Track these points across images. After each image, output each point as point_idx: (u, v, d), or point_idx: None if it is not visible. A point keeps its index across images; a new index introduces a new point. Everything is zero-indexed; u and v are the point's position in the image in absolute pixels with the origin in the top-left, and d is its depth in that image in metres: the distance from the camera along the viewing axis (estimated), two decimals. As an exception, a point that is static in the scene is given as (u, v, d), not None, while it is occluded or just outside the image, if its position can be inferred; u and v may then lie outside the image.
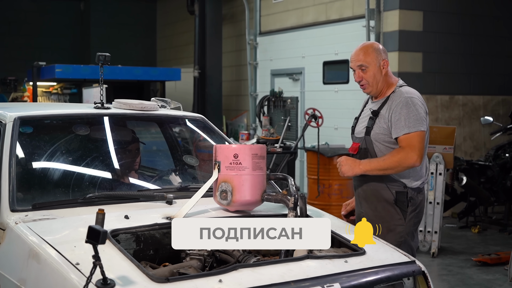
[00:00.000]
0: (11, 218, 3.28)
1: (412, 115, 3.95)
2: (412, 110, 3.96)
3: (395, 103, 4.01)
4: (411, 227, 4.09)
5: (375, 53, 4.10)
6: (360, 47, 4.15)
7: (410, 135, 3.93)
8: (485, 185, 9.06)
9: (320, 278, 2.92)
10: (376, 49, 4.12)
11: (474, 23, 10.95)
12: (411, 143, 3.92)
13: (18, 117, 3.88)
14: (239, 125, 14.71)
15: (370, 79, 4.10)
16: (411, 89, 4.12)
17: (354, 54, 4.13)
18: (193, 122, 4.78)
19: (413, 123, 3.94)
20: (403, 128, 3.94)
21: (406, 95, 4.02)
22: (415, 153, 3.91)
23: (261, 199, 3.58)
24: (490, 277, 6.89)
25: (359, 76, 4.12)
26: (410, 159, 3.91)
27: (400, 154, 3.93)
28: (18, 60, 17.47)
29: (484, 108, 10.93)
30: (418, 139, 3.94)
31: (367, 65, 4.08)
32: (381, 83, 4.13)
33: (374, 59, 4.09)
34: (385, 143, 4.06)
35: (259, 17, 13.90)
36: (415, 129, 3.93)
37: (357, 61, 4.11)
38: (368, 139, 4.12)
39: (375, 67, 4.09)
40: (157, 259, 3.25)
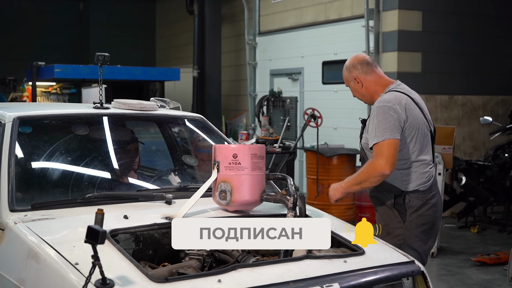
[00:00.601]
0: (10, 218, 3.28)
1: (381, 124, 3.94)
2: (381, 119, 3.95)
3: (372, 114, 4.06)
4: (415, 230, 4.04)
5: (346, 72, 4.26)
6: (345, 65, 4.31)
7: (379, 145, 3.92)
8: (484, 185, 9.06)
9: (319, 278, 2.92)
10: (346, 68, 4.26)
11: (473, 23, 10.95)
12: (379, 152, 3.91)
13: (17, 117, 3.88)
14: (238, 125, 14.71)
15: (356, 93, 4.29)
16: (391, 95, 4.07)
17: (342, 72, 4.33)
18: (192, 122, 4.77)
19: (381, 132, 3.92)
20: (373, 138, 3.96)
21: (378, 104, 4.04)
22: (382, 161, 3.88)
23: (260, 199, 3.58)
24: (489, 277, 6.89)
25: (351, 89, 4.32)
26: (377, 167, 3.89)
27: (368, 165, 3.96)
28: (17, 60, 17.47)
29: (483, 108, 10.93)
30: (387, 147, 3.89)
31: (347, 84, 4.31)
32: (367, 95, 4.24)
33: (348, 78, 4.27)
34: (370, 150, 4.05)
35: (258, 17, 13.90)
36: (382, 138, 3.90)
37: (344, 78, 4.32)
38: (360, 146, 4.25)
39: (351, 84, 4.27)
40: (156, 259, 3.25)
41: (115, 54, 13.99)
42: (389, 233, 4.05)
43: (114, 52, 10.53)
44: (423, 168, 4.09)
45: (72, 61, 16.44)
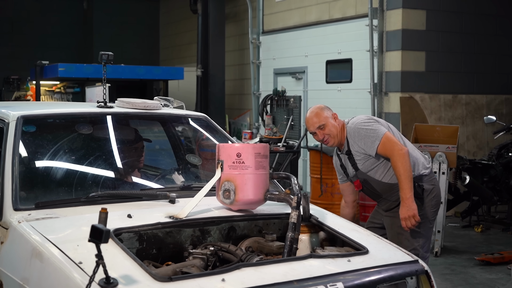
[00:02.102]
0: (14, 217, 3.28)
1: (368, 133, 4.50)
2: (364, 130, 4.52)
3: (353, 137, 4.58)
4: (431, 209, 4.63)
5: (324, 112, 4.62)
6: (310, 112, 4.65)
7: (381, 143, 4.46)
8: (488, 184, 9.04)
9: (323, 278, 2.91)
10: (322, 109, 4.64)
11: (477, 22, 10.93)
12: (388, 147, 4.45)
13: (21, 116, 3.88)
14: (242, 124, 14.71)
15: (330, 132, 4.59)
16: (354, 119, 4.68)
17: (309, 121, 4.61)
18: (196, 121, 4.77)
19: (374, 135, 4.48)
20: (372, 144, 4.48)
21: (353, 125, 4.60)
22: (397, 148, 4.43)
23: (264, 198, 3.58)
24: (493, 277, 6.88)
25: (321, 134, 4.59)
26: (400, 155, 4.40)
27: (396, 161, 4.42)
28: (21, 59, 17.49)
29: (487, 107, 10.91)
30: (388, 139, 4.47)
31: (323, 123, 4.57)
32: (339, 131, 4.62)
33: (326, 117, 4.60)
34: (372, 165, 4.58)
35: (262, 16, 13.90)
36: (379, 137, 4.47)
37: (315, 125, 4.58)
38: (360, 173, 4.63)
39: (328, 121, 4.59)
40: (160, 258, 3.25)
41: (119, 53, 13.98)
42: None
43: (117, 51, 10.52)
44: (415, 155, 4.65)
45: (75, 60, 16.46)
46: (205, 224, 3.43)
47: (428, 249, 4.70)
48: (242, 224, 3.57)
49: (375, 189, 4.64)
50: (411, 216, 4.38)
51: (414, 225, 4.40)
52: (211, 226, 3.46)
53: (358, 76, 11.11)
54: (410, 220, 4.39)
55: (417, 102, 10.24)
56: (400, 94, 10.28)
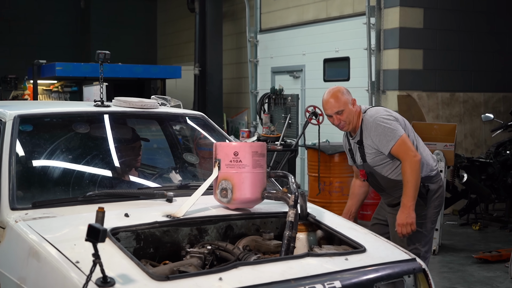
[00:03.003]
0: (11, 216, 3.28)
1: (386, 131, 4.41)
2: (382, 127, 4.42)
3: (368, 130, 4.49)
4: (433, 209, 4.62)
5: (344, 96, 4.49)
6: (330, 94, 4.52)
7: (397, 145, 4.39)
8: (485, 182, 9.04)
9: (321, 276, 2.91)
10: (343, 92, 4.52)
11: (475, 20, 10.94)
12: (402, 150, 4.39)
13: (18, 115, 3.88)
14: (240, 122, 14.70)
15: (347, 118, 4.49)
16: (373, 110, 4.57)
17: (327, 103, 4.49)
18: (193, 119, 4.77)
19: (390, 135, 4.40)
20: (387, 143, 4.41)
21: (371, 119, 4.48)
22: (411, 154, 4.38)
23: (262, 196, 3.58)
24: (491, 274, 6.88)
25: (337, 119, 4.49)
26: (413, 162, 4.36)
27: (406, 167, 4.38)
28: (18, 58, 17.47)
29: (484, 105, 10.92)
30: (404, 142, 4.40)
31: (342, 108, 4.45)
32: (355, 117, 4.53)
33: (346, 101, 4.48)
34: (381, 161, 4.53)
35: (260, 14, 13.89)
36: (396, 139, 4.38)
37: (333, 108, 4.47)
38: (366, 165, 4.59)
39: (348, 107, 4.47)
40: (157, 257, 3.24)
41: (116, 52, 13.96)
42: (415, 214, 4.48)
43: (115, 50, 10.51)
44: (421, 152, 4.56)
45: (73, 59, 16.43)
46: (203, 223, 3.43)
47: (429, 249, 4.70)
48: (239, 223, 3.57)
49: (379, 183, 4.63)
50: (409, 224, 4.38)
51: (409, 233, 4.40)
52: (209, 225, 3.46)
53: (356, 74, 11.11)
54: (406, 228, 4.38)
55: (414, 100, 10.25)
56: (398, 92, 10.29)
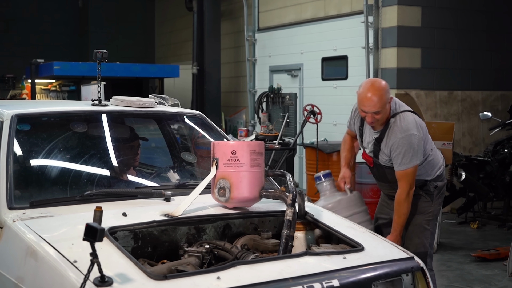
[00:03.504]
0: (9, 216, 3.27)
1: (407, 154, 4.32)
2: (408, 149, 4.32)
3: (392, 141, 4.37)
4: (437, 206, 4.66)
5: (387, 95, 4.31)
6: (373, 92, 4.28)
7: (406, 171, 4.36)
8: (484, 181, 9.05)
9: (319, 275, 2.91)
10: (387, 91, 4.32)
11: (473, 18, 10.94)
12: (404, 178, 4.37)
13: (16, 114, 3.87)
14: (238, 121, 14.70)
15: (382, 117, 4.36)
16: (406, 121, 4.36)
17: (369, 101, 4.27)
18: (191, 118, 4.77)
19: (408, 160, 4.33)
20: (399, 166, 4.36)
21: (400, 135, 4.33)
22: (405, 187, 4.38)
23: (259, 195, 3.57)
24: (489, 273, 6.88)
25: (372, 118, 4.33)
26: (407, 194, 4.39)
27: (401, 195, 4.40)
28: (16, 58, 17.46)
29: (483, 103, 10.92)
30: (412, 174, 4.37)
31: (381, 109, 4.30)
32: (387, 117, 4.42)
33: (386, 101, 4.31)
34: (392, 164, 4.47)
35: (258, 13, 13.89)
36: (407, 166, 4.35)
37: (373, 108, 4.28)
38: (376, 160, 4.56)
39: (385, 107, 4.32)
40: (155, 256, 3.24)
41: (114, 51, 13.96)
42: (421, 212, 4.59)
43: (113, 49, 10.50)
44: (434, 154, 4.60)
45: (71, 58, 16.43)
46: (201, 222, 3.43)
47: (432, 244, 4.73)
48: (237, 221, 3.57)
49: (385, 175, 4.61)
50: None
51: None
52: (207, 224, 3.46)
53: (354, 73, 11.11)
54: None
55: (412, 99, 10.25)
56: (396, 91, 10.28)
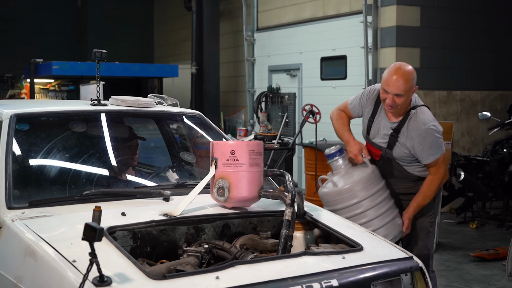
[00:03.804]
0: (8, 215, 3.27)
1: (434, 143, 4.26)
2: (433, 139, 4.26)
3: (414, 133, 4.27)
4: (437, 206, 4.70)
5: (413, 81, 4.25)
6: (402, 74, 4.21)
7: (438, 160, 4.31)
8: (483, 181, 9.06)
9: (318, 275, 2.91)
10: (414, 78, 4.26)
11: (472, 18, 10.94)
12: (439, 167, 4.32)
13: (15, 114, 3.87)
14: (237, 121, 14.70)
15: (402, 103, 4.25)
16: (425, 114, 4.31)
17: (394, 81, 4.19)
18: (190, 118, 4.77)
19: (436, 149, 4.28)
20: (429, 156, 4.28)
21: (424, 126, 4.25)
22: (444, 174, 4.37)
23: (258, 195, 3.57)
24: (488, 273, 6.89)
25: (392, 100, 4.22)
26: (443, 180, 4.39)
27: (435, 182, 4.35)
28: (15, 57, 17.45)
29: (481, 103, 10.93)
30: (443, 160, 4.34)
31: (404, 93, 4.20)
32: (408, 106, 4.33)
33: (411, 87, 4.25)
34: (407, 163, 4.40)
35: (256, 13, 13.88)
36: (438, 155, 4.29)
37: (397, 90, 4.19)
38: (390, 153, 4.39)
39: (409, 94, 4.25)
40: (154, 256, 3.24)
41: (113, 51, 13.96)
42: (425, 213, 4.48)
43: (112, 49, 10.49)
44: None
45: (70, 58, 16.42)
46: (199, 222, 3.43)
47: (432, 245, 4.69)
48: (236, 221, 3.56)
49: (392, 170, 4.46)
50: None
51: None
52: (205, 224, 3.45)
53: (353, 72, 11.11)
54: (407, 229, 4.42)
55: (411, 99, 10.24)
56: (395, 91, 10.27)
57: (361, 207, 4.27)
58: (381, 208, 4.30)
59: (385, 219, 4.30)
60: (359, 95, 4.58)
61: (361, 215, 4.26)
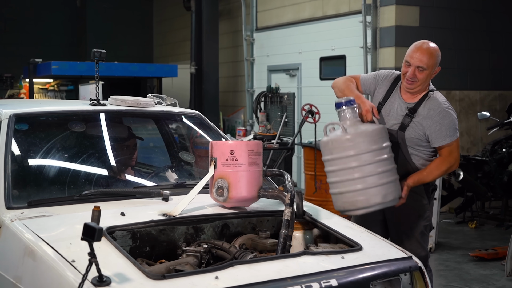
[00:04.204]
0: (7, 215, 3.27)
1: (452, 125, 4.15)
2: (452, 120, 4.16)
3: (433, 112, 4.15)
4: (431, 208, 4.46)
5: (437, 59, 4.20)
6: (427, 47, 4.18)
7: (452, 145, 4.18)
8: (482, 180, 9.06)
9: (317, 274, 2.91)
10: (438, 56, 4.22)
11: (471, 18, 10.94)
12: (452, 152, 4.19)
13: (14, 114, 3.87)
14: (236, 121, 14.70)
15: (422, 80, 4.16)
16: (442, 96, 4.27)
17: (419, 54, 4.14)
18: (189, 118, 4.77)
19: (452, 132, 4.16)
20: (444, 138, 4.15)
21: (444, 105, 4.17)
22: (456, 161, 4.23)
23: (258, 195, 3.57)
24: (487, 272, 6.89)
25: (413, 73, 4.13)
26: (453, 167, 4.26)
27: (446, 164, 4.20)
28: (14, 57, 17.43)
29: (480, 103, 10.93)
30: (457, 146, 4.21)
31: (426, 67, 4.14)
32: (426, 85, 4.23)
33: (434, 65, 4.19)
34: (416, 147, 4.23)
35: (256, 13, 13.88)
36: (454, 138, 4.17)
37: (420, 62, 4.13)
38: (401, 134, 4.22)
39: (431, 71, 4.17)
40: (153, 256, 3.24)
41: (112, 51, 13.95)
42: (421, 215, 4.34)
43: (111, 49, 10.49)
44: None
45: (69, 57, 16.41)
46: (199, 222, 3.43)
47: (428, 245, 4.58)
48: (235, 221, 3.57)
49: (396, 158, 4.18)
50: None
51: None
52: (205, 224, 3.46)
53: (352, 72, 11.05)
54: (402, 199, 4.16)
55: (411, 99, 10.25)
56: (394, 91, 10.28)
57: (357, 161, 3.96)
58: (382, 167, 4.01)
59: (384, 179, 4.01)
60: (375, 73, 4.46)
61: (356, 169, 3.96)
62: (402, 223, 4.34)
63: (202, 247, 3.19)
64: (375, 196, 3.98)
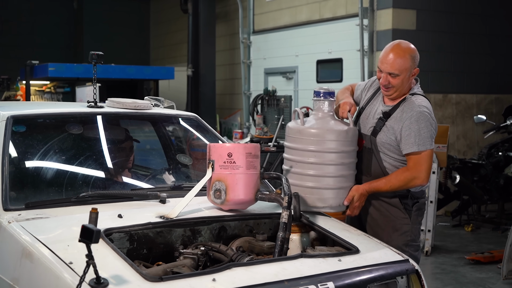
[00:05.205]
0: (4, 217, 3.27)
1: (423, 132, 3.77)
2: (423, 126, 3.78)
3: (406, 115, 3.82)
4: (417, 225, 3.98)
5: (411, 62, 3.88)
6: (397, 52, 3.86)
7: (420, 155, 3.77)
8: (478, 184, 9.07)
9: (314, 277, 2.91)
10: (413, 57, 3.91)
11: (467, 21, 10.97)
12: (419, 163, 3.78)
13: (11, 116, 3.87)
14: (233, 123, 14.71)
15: (398, 85, 3.86)
16: (423, 100, 3.92)
17: (389, 59, 3.84)
18: (186, 121, 4.77)
19: (423, 140, 3.77)
20: (412, 145, 3.77)
21: (418, 108, 3.81)
22: (422, 174, 3.78)
23: (255, 198, 3.58)
24: (483, 276, 6.90)
25: (386, 79, 3.85)
26: (417, 180, 3.80)
27: (407, 175, 3.80)
28: (11, 59, 17.42)
29: (477, 106, 10.95)
30: (427, 158, 3.78)
31: (399, 73, 3.84)
32: (405, 89, 3.94)
33: (409, 68, 3.87)
34: (389, 153, 3.91)
35: (253, 15, 13.90)
36: (424, 148, 3.77)
37: (390, 68, 3.83)
38: (373, 140, 3.94)
39: (405, 75, 3.86)
40: (150, 258, 3.24)
41: (110, 53, 13.94)
42: (397, 229, 3.93)
43: (108, 51, 10.49)
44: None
45: (66, 60, 16.39)
46: (196, 224, 3.43)
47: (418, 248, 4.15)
48: (233, 224, 3.57)
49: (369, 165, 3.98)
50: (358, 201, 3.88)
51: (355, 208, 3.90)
52: (202, 226, 3.46)
53: (349, 75, 11.13)
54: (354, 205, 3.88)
55: (407, 102, 10.26)
56: (391, 94, 10.29)
57: (317, 158, 3.77)
58: (344, 171, 3.83)
59: (342, 183, 3.83)
60: (368, 80, 4.29)
61: (312, 166, 3.78)
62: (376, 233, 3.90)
63: (199, 250, 3.19)
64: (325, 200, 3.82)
